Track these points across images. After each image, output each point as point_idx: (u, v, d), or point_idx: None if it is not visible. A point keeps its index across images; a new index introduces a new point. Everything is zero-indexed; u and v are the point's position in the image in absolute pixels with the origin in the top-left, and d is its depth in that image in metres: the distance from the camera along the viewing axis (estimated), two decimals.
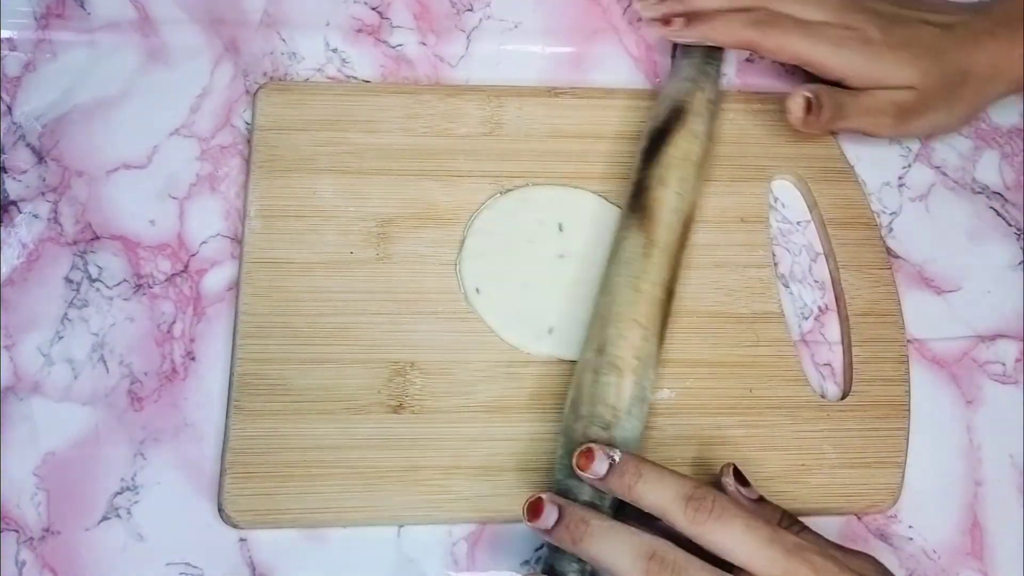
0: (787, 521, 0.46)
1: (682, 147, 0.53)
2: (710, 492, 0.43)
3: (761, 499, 0.47)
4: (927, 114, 0.58)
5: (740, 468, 0.47)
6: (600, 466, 0.44)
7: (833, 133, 0.59)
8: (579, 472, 0.44)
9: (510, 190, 0.55)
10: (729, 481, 0.46)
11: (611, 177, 0.56)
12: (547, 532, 0.44)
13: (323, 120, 0.56)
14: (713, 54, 0.58)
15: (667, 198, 0.52)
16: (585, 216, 0.55)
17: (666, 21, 0.57)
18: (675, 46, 0.60)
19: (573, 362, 0.51)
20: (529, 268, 0.54)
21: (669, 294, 0.51)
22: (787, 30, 0.56)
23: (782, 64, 0.61)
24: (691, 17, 0.57)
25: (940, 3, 0.59)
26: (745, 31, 0.56)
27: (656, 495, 0.43)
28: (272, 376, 0.50)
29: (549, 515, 0.44)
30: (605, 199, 0.56)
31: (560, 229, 0.55)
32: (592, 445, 0.45)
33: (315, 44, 0.59)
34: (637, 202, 0.52)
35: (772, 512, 0.46)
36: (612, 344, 0.48)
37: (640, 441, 0.48)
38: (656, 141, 0.54)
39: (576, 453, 0.45)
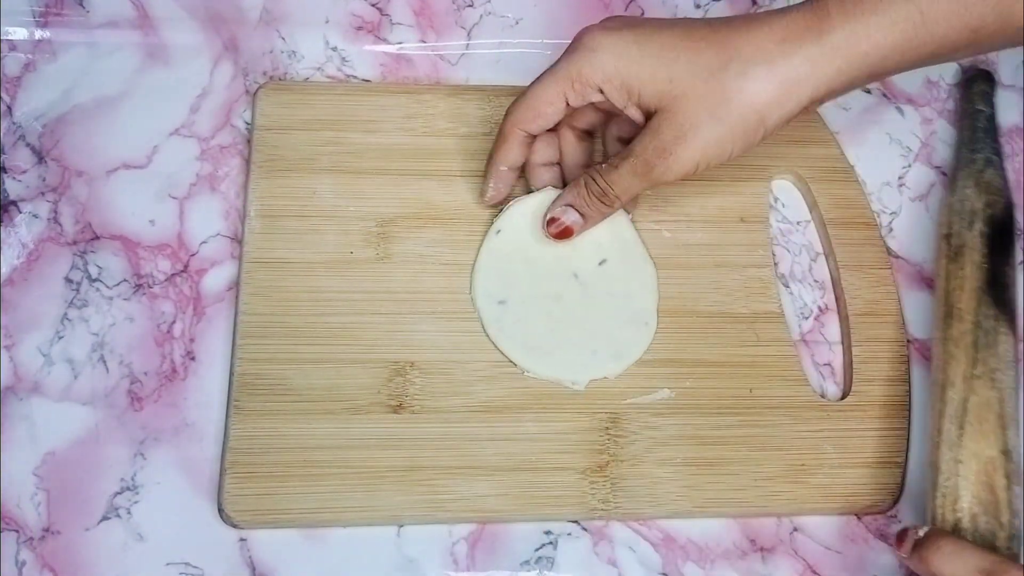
0: None
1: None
2: (1011, 568, 0.42)
3: None
4: (694, 129, 0.46)
5: None
6: (907, 546, 0.46)
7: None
8: (895, 552, 0.47)
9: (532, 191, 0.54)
10: None
11: None
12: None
13: (323, 120, 0.56)
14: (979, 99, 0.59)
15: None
16: (618, 244, 0.54)
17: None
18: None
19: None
20: (548, 283, 0.53)
21: None
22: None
23: None
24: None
25: None
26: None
27: (953, 567, 0.43)
28: (272, 376, 0.50)
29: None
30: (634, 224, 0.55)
31: (600, 263, 0.54)
32: (908, 528, 0.46)
33: (315, 42, 0.59)
34: (1000, 296, 0.52)
35: None
36: (1015, 450, 0.48)
37: None
38: (1001, 230, 0.54)
39: (896, 537, 0.47)
